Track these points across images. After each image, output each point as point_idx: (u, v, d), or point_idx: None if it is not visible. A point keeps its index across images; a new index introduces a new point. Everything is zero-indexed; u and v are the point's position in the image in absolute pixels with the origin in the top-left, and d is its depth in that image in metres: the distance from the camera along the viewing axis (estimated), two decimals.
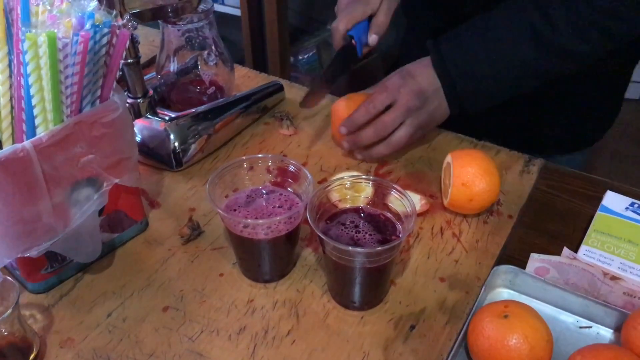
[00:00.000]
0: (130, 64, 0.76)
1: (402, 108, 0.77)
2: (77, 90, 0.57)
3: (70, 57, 0.55)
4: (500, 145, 0.87)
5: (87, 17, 0.54)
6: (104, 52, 0.57)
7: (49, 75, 0.54)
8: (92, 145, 0.60)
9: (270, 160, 0.66)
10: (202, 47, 0.89)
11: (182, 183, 0.81)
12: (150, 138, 0.83)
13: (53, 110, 0.57)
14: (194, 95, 0.91)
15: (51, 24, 0.55)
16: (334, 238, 0.59)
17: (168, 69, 0.90)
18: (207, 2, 0.83)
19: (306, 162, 0.84)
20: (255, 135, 0.90)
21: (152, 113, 0.83)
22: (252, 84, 1.01)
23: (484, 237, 0.72)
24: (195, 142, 0.83)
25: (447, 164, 0.75)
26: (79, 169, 0.61)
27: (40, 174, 0.57)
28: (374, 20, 0.86)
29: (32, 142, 0.55)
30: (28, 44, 0.52)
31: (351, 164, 0.84)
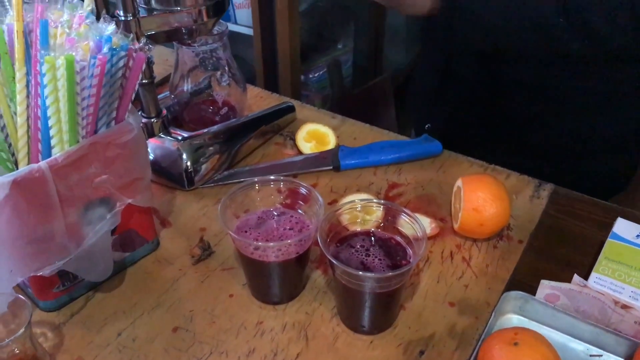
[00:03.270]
0: (144, 85, 0.77)
1: None
2: (93, 112, 0.58)
3: (87, 80, 0.55)
4: None
5: (105, 40, 0.55)
6: (120, 75, 0.58)
7: (66, 97, 0.55)
8: (107, 165, 0.61)
9: (282, 182, 0.67)
10: (215, 68, 0.90)
11: (193, 202, 0.81)
12: (163, 157, 0.83)
13: (69, 131, 0.57)
14: (207, 115, 0.92)
15: (69, 47, 0.56)
16: (344, 262, 0.59)
17: (182, 89, 0.91)
18: (222, 24, 0.84)
19: (316, 184, 0.85)
20: (266, 156, 0.91)
21: (165, 132, 0.84)
22: (264, 104, 1.02)
23: (493, 262, 0.72)
24: (207, 161, 0.84)
25: (458, 188, 0.75)
26: (93, 189, 0.61)
27: (54, 193, 0.57)
28: None
29: (48, 162, 0.56)
30: (47, 66, 0.53)
31: (361, 185, 0.84)
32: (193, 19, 0.76)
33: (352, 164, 0.86)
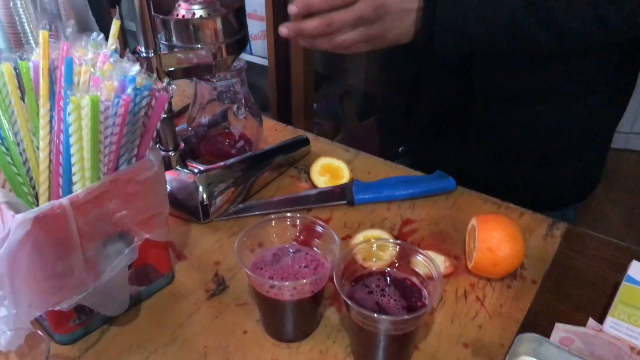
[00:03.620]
0: (163, 119, 0.78)
1: (356, 14, 0.73)
2: (115, 149, 0.59)
3: (111, 119, 0.56)
4: None
5: (129, 81, 0.56)
6: (143, 113, 0.59)
7: (90, 135, 0.56)
8: (126, 201, 0.62)
9: (298, 220, 0.67)
10: (232, 101, 0.92)
11: (208, 235, 0.82)
12: (179, 189, 0.84)
13: (91, 168, 0.58)
14: (224, 147, 0.93)
15: (94, 87, 0.57)
16: (359, 302, 0.60)
17: (199, 122, 0.93)
18: (240, 60, 0.86)
19: (330, 218, 0.85)
20: (280, 189, 0.92)
21: (182, 165, 0.85)
22: (279, 136, 1.03)
23: (507, 302, 0.72)
24: (223, 194, 0.85)
25: (472, 227, 0.76)
26: (112, 224, 0.62)
27: (75, 229, 0.58)
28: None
29: (69, 198, 0.57)
30: (72, 106, 0.54)
31: (375, 221, 0.85)
32: (213, 56, 0.77)
33: (366, 198, 0.87)
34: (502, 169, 0.98)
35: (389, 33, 0.75)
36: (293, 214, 0.67)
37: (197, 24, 0.74)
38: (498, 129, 0.97)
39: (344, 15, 0.73)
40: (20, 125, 0.62)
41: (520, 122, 0.95)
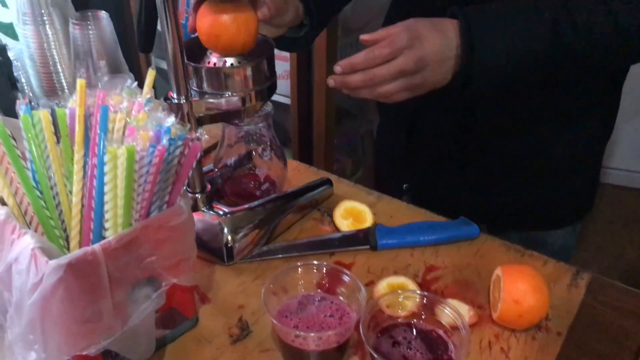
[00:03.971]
0: None
1: (397, 68, 0.76)
2: (148, 197, 0.60)
3: (145, 167, 0.58)
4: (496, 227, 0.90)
5: (164, 131, 0.58)
6: (176, 162, 0.61)
7: (124, 183, 0.57)
8: (156, 247, 0.63)
9: (325, 268, 0.68)
10: (258, 143, 0.93)
11: (232, 278, 0.83)
12: (204, 231, 0.85)
13: (123, 214, 0.59)
14: (248, 189, 0.94)
15: (130, 136, 0.58)
16: (385, 355, 0.60)
17: (225, 162, 0.94)
18: (268, 105, 0.87)
19: (353, 262, 0.85)
20: (303, 231, 0.92)
21: (208, 207, 0.86)
22: (301, 177, 1.04)
23: (532, 355, 0.71)
24: (247, 237, 0.85)
25: (497, 277, 0.75)
26: (141, 269, 0.63)
27: (105, 274, 0.59)
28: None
29: (102, 245, 0.58)
30: (108, 157, 0.55)
31: (398, 267, 0.85)
32: (242, 102, 0.78)
33: (390, 244, 0.87)
34: (503, 193, 1.02)
35: (428, 81, 0.78)
36: (319, 262, 0.68)
37: (228, 72, 0.76)
38: (499, 156, 1.00)
39: (385, 71, 0.76)
40: (54, 170, 0.64)
41: (520, 146, 0.98)
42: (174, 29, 0.71)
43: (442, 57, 0.77)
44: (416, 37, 0.76)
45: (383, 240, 0.87)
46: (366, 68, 0.77)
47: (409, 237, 0.88)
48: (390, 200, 0.99)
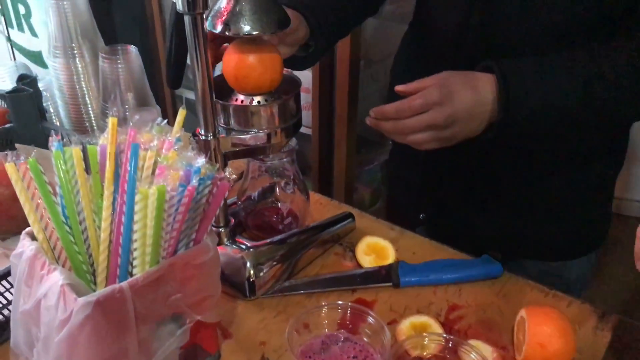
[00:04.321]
0: None
1: (426, 122, 0.78)
2: (176, 235, 0.61)
3: (175, 207, 0.58)
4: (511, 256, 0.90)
5: (194, 171, 0.58)
6: (204, 201, 0.61)
7: (154, 222, 0.58)
8: (182, 284, 0.63)
9: (350, 309, 0.68)
10: (281, 177, 0.94)
11: (254, 313, 0.83)
12: (227, 265, 0.85)
13: (152, 252, 0.60)
14: (271, 222, 0.94)
15: (160, 176, 0.59)
16: None
17: (248, 195, 0.95)
18: (292, 140, 0.88)
19: (375, 300, 0.85)
20: (325, 266, 0.92)
21: (231, 241, 0.86)
22: (323, 210, 1.04)
23: None
24: (270, 271, 0.86)
25: (522, 319, 0.75)
26: (166, 307, 0.63)
27: (132, 312, 0.59)
28: None
29: (129, 282, 0.58)
30: (140, 197, 0.56)
31: (421, 305, 0.84)
32: (268, 139, 0.79)
33: (412, 281, 0.87)
34: (518, 224, 1.02)
35: (458, 135, 0.80)
36: (344, 302, 0.68)
37: (255, 110, 0.77)
38: (513, 187, 1.00)
39: (414, 122, 0.79)
40: (84, 206, 0.65)
41: (533, 178, 0.98)
42: (204, 67, 0.72)
43: (473, 113, 0.78)
44: (448, 94, 0.78)
45: (406, 277, 0.87)
46: (397, 118, 0.80)
47: (432, 274, 0.87)
48: (413, 236, 0.99)
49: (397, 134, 0.80)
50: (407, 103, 0.79)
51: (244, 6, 0.71)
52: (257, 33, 0.72)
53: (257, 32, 0.72)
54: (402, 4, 1.87)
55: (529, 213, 1.01)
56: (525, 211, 1.01)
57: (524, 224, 1.02)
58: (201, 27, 0.70)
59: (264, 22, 0.72)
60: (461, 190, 1.05)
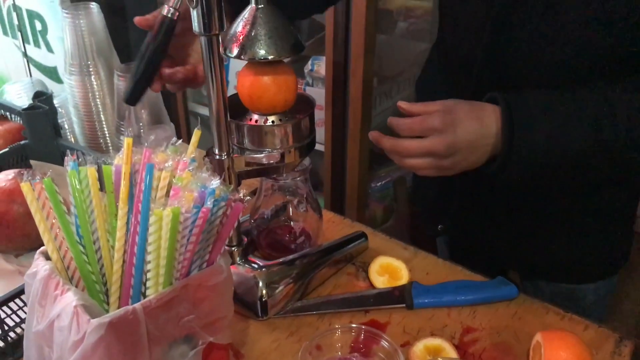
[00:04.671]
0: None
1: (425, 148, 0.77)
2: (189, 256, 0.61)
3: (189, 228, 0.58)
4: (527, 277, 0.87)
5: (209, 193, 0.58)
6: (218, 222, 0.61)
7: (168, 244, 0.58)
8: (195, 305, 0.63)
9: (363, 332, 0.67)
10: (294, 195, 0.93)
11: (266, 334, 0.82)
12: (239, 285, 0.85)
13: (165, 274, 0.60)
14: (284, 241, 0.94)
15: (174, 197, 0.59)
16: None
17: (261, 213, 0.94)
18: (306, 160, 0.88)
19: (389, 322, 0.84)
20: (338, 286, 0.91)
21: (244, 260, 0.86)
22: (336, 229, 1.04)
23: None
24: (282, 291, 0.85)
25: (537, 343, 0.74)
26: (179, 328, 0.63)
27: (145, 333, 0.59)
28: None
29: (142, 304, 0.58)
30: (154, 219, 0.56)
31: (435, 327, 0.83)
32: (282, 158, 0.79)
33: (426, 303, 0.86)
34: (534, 244, 1.00)
35: (458, 165, 0.79)
36: (359, 326, 0.67)
37: (269, 130, 0.77)
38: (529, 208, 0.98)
39: (413, 146, 0.77)
40: (98, 225, 0.65)
41: (550, 200, 0.96)
42: (219, 87, 0.72)
43: (476, 145, 0.77)
44: (451, 122, 0.77)
45: (419, 299, 0.86)
46: (395, 134, 0.78)
47: (446, 296, 0.86)
48: (426, 256, 0.98)
49: (395, 153, 0.79)
50: (408, 122, 0.78)
51: (259, 31, 0.72)
52: (272, 57, 0.72)
53: (272, 56, 0.72)
54: (416, 22, 1.87)
55: (545, 233, 1.00)
56: (541, 231, 1.00)
57: (540, 243, 1.00)
58: (217, 48, 0.70)
59: (278, 46, 0.73)
60: (478, 206, 1.04)
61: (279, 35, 0.73)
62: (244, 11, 0.75)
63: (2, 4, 1.84)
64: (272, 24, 0.73)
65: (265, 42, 0.72)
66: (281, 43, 0.73)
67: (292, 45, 0.74)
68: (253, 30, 0.73)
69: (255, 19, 0.73)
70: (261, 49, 0.72)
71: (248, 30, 0.73)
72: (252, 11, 0.74)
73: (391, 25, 1.93)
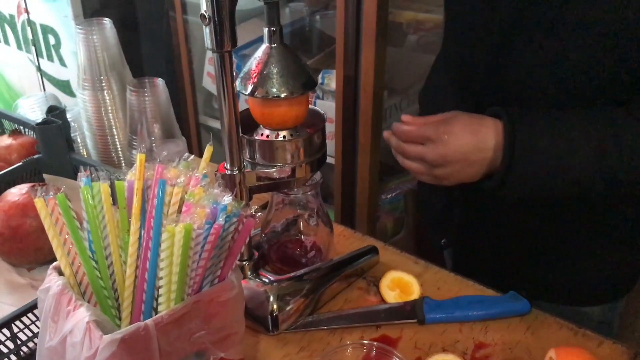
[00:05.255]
0: None
1: (417, 153, 0.82)
2: (201, 272, 0.61)
3: (201, 244, 0.58)
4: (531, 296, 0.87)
5: (221, 209, 0.58)
6: (229, 238, 0.61)
7: (179, 260, 0.58)
8: (206, 321, 0.63)
9: (374, 348, 0.67)
10: (305, 209, 0.94)
11: (276, 349, 0.82)
12: (250, 299, 0.85)
13: (177, 290, 0.60)
14: (294, 256, 0.94)
15: (186, 213, 0.59)
16: None
17: (272, 228, 0.95)
18: (317, 174, 0.88)
19: (400, 337, 0.84)
20: (349, 301, 0.91)
21: (255, 275, 0.86)
22: (346, 242, 1.04)
23: None
24: (293, 306, 0.85)
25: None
26: (190, 343, 0.63)
27: (156, 349, 0.59)
28: None
29: (154, 320, 0.58)
30: (166, 235, 0.56)
31: (447, 343, 0.83)
32: (293, 173, 0.80)
33: (438, 318, 0.85)
34: (537, 264, 0.99)
35: (452, 177, 0.81)
36: (370, 342, 0.67)
37: (280, 145, 0.77)
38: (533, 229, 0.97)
39: (410, 149, 0.83)
40: (110, 240, 0.65)
41: (556, 221, 0.95)
42: (230, 103, 0.73)
43: (470, 158, 0.79)
44: (445, 133, 0.79)
45: (431, 314, 0.85)
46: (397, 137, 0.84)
47: (458, 311, 0.86)
48: (438, 271, 0.98)
49: (397, 152, 0.85)
50: (406, 129, 0.83)
51: (271, 69, 0.76)
52: (284, 95, 0.75)
53: (284, 95, 0.75)
54: (426, 34, 1.88)
55: (549, 255, 0.98)
56: (545, 253, 0.98)
57: (542, 264, 0.99)
58: (229, 64, 0.71)
59: (290, 84, 0.76)
60: (481, 222, 1.03)
61: (290, 74, 0.76)
62: (258, 50, 0.78)
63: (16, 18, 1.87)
64: (284, 62, 0.76)
65: (277, 81, 0.75)
66: (293, 81, 0.76)
67: (303, 82, 0.77)
68: (266, 69, 0.76)
69: (268, 58, 0.76)
70: (273, 87, 0.75)
71: (261, 69, 0.76)
72: (266, 50, 0.77)
73: (401, 38, 1.94)
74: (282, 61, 0.76)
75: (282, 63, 0.76)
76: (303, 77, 0.77)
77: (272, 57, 0.76)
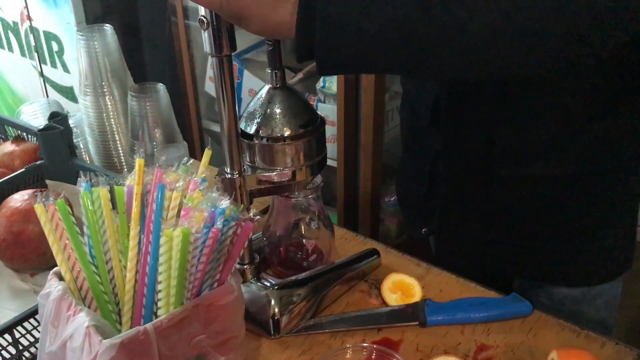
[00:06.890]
0: None
1: None
2: (200, 276, 0.61)
3: (199, 248, 0.59)
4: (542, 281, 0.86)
5: (219, 213, 0.59)
6: (228, 242, 0.61)
7: (178, 264, 0.58)
8: (206, 325, 0.63)
9: (375, 351, 0.67)
10: (306, 212, 0.94)
11: (278, 352, 0.82)
12: (251, 303, 0.85)
13: (176, 294, 0.60)
14: (296, 259, 0.94)
15: (184, 217, 0.59)
16: None
17: (274, 232, 0.95)
18: (317, 177, 0.88)
19: (402, 339, 0.84)
20: (350, 304, 0.91)
21: (256, 278, 0.86)
22: (348, 246, 1.04)
23: None
24: (294, 309, 0.85)
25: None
26: (190, 348, 0.63)
27: (156, 353, 0.59)
28: None
29: (154, 324, 0.58)
30: (164, 239, 0.56)
31: (448, 345, 0.83)
32: (293, 176, 0.80)
33: (439, 320, 0.85)
34: (526, 248, 0.96)
35: (254, 7, 0.63)
36: (370, 344, 0.67)
37: (280, 149, 0.78)
38: (520, 209, 0.95)
39: None
40: (110, 245, 0.65)
41: (543, 200, 0.93)
42: (230, 107, 0.73)
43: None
44: None
45: (433, 316, 0.85)
46: None
47: (459, 313, 0.86)
48: (439, 273, 0.97)
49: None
50: None
51: (274, 110, 0.79)
52: (287, 134, 0.78)
53: (288, 134, 0.78)
54: None
55: (540, 234, 0.96)
56: (536, 232, 0.96)
57: (532, 248, 0.96)
58: (228, 68, 0.71)
59: (292, 123, 0.78)
60: (465, 206, 1.01)
61: (292, 113, 0.79)
62: (261, 91, 0.80)
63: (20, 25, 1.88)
64: (286, 102, 0.79)
65: (280, 121, 0.78)
66: (294, 120, 0.78)
67: (306, 121, 0.79)
68: (268, 109, 0.79)
69: (271, 98, 0.79)
70: (276, 126, 0.78)
71: (264, 109, 0.79)
72: (269, 91, 0.79)
73: None
74: (283, 102, 0.79)
75: (284, 104, 0.79)
76: (305, 116, 0.80)
77: (274, 98, 0.79)
